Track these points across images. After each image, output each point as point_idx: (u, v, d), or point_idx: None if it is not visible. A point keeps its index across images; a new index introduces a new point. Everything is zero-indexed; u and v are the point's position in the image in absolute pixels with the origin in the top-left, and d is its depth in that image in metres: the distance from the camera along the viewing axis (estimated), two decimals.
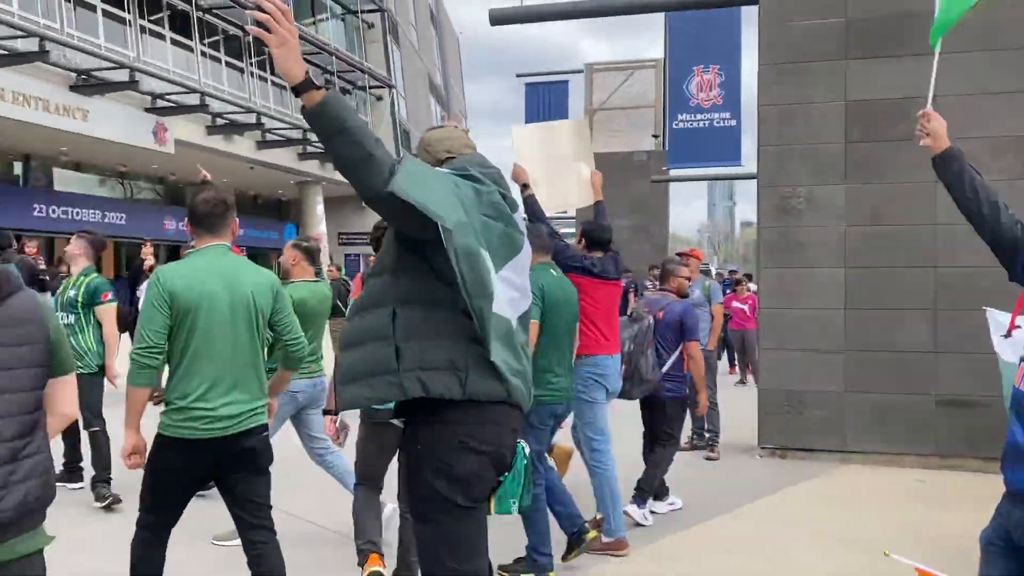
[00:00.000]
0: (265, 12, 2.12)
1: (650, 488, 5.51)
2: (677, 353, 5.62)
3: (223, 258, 3.34)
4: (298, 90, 2.15)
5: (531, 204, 5.06)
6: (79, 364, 5.68)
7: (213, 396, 3.20)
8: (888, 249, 7.17)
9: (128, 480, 3.80)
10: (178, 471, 3.26)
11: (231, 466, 3.30)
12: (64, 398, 2.32)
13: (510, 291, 2.44)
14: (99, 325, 5.83)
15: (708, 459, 7.36)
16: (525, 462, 2.52)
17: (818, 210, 7.36)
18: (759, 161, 7.69)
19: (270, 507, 3.43)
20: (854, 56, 7.33)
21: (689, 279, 6.18)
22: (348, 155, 2.17)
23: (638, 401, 5.64)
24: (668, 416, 5.62)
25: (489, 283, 2.32)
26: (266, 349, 3.52)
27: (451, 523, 2.37)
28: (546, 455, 4.72)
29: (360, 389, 2.36)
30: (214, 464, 3.28)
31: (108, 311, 5.82)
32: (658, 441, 5.65)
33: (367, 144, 2.16)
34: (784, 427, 7.42)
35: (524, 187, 5.12)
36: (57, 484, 5.98)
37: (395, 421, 2.57)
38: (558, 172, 5.58)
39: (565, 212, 6.06)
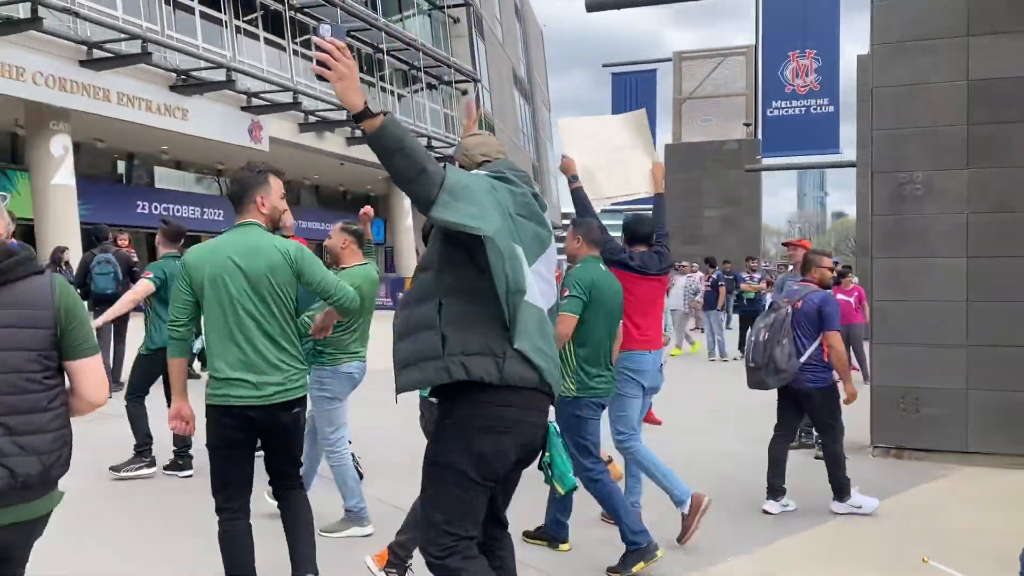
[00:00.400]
0: (324, 51, 2.35)
1: (841, 485, 5.50)
2: (816, 343, 5.47)
3: (245, 235, 3.42)
4: (359, 118, 2.40)
5: (578, 197, 5.04)
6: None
7: (239, 368, 3.34)
8: (1015, 237, 6.71)
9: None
10: (224, 437, 3.40)
11: (264, 437, 3.48)
12: (82, 382, 2.40)
13: (541, 284, 2.72)
14: (159, 309, 5.97)
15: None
16: (560, 439, 2.85)
17: (937, 197, 6.95)
18: (873, 146, 7.30)
19: (298, 467, 3.63)
20: (977, 32, 6.87)
21: (832, 270, 5.96)
22: (405, 171, 2.43)
23: (776, 392, 5.62)
24: (819, 405, 5.55)
25: (523, 279, 2.58)
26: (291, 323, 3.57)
27: (455, 491, 2.63)
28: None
29: (412, 374, 2.63)
30: (252, 431, 3.43)
31: (140, 284, 6.10)
32: (823, 434, 5.64)
33: (421, 161, 2.43)
34: (899, 425, 7.05)
35: (572, 179, 5.10)
36: (168, 472, 6.17)
37: (432, 399, 2.83)
38: (617, 161, 5.46)
39: (632, 196, 5.93)
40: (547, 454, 2.84)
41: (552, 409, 2.83)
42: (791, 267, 7.90)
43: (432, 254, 2.70)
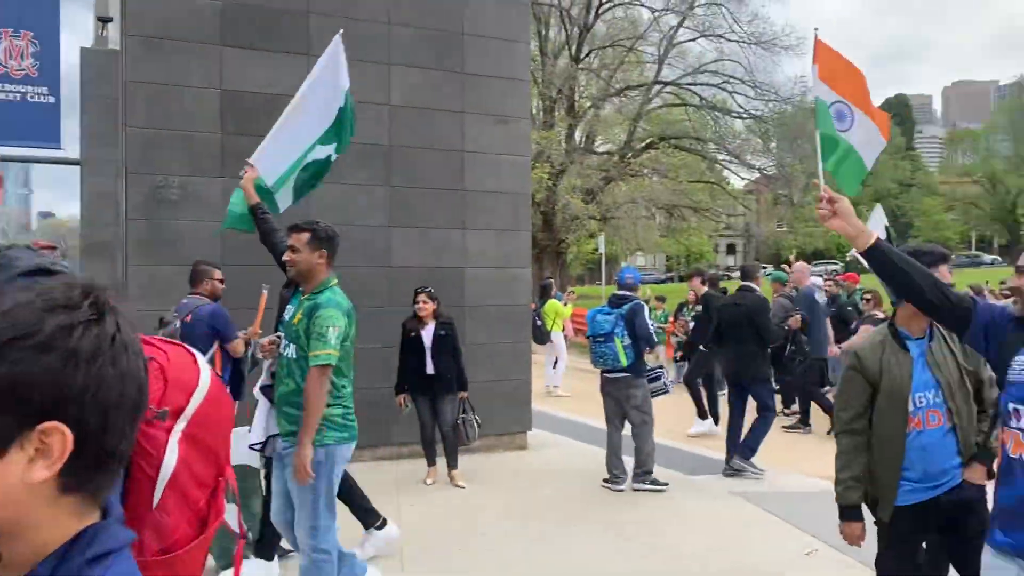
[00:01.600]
0: None
1: None
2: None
3: None
4: None
5: None
6: None
7: None
8: (258, 248, 7.03)
9: None
10: None
11: None
12: None
13: None
14: None
15: None
16: None
17: (194, 203, 6.83)
18: (126, 145, 6.81)
19: None
20: (230, 44, 7.00)
21: (223, 281, 5.50)
22: None
23: None
24: None
25: None
26: None
27: None
28: None
29: None
30: None
31: None
32: None
33: None
34: None
35: None
36: None
37: None
38: None
39: None
40: None
41: None
42: None
43: None
